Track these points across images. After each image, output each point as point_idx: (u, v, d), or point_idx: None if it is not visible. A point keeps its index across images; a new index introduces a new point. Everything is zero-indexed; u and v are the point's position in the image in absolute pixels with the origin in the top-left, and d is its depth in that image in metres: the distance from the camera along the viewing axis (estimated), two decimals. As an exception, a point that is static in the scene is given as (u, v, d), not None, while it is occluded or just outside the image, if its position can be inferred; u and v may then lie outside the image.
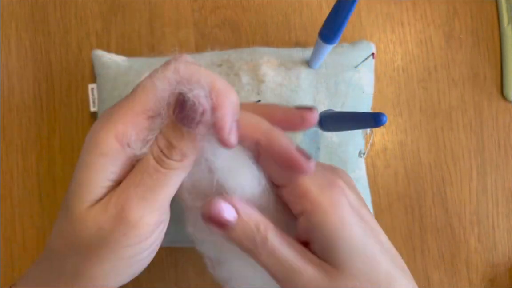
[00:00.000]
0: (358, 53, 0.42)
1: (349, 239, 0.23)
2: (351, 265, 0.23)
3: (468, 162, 0.46)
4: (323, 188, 0.23)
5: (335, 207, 0.23)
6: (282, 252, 0.23)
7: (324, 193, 0.23)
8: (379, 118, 0.25)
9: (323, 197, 0.23)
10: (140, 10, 0.47)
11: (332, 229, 0.23)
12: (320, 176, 0.24)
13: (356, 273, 0.23)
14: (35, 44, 0.47)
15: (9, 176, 0.46)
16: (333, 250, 0.23)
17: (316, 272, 0.23)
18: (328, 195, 0.23)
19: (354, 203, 0.25)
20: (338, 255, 0.23)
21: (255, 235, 0.23)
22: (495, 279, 0.46)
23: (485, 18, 0.48)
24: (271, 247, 0.23)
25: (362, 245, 0.23)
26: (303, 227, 0.24)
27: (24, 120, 0.46)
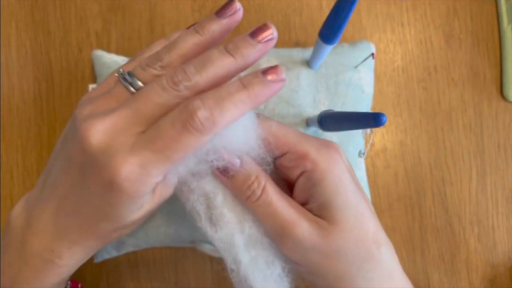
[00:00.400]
0: (358, 53, 0.42)
1: (344, 195, 0.25)
2: (346, 220, 0.25)
3: (468, 162, 0.46)
4: (321, 148, 0.25)
5: (333, 164, 0.25)
6: (279, 204, 0.25)
7: (322, 153, 0.25)
8: (379, 118, 0.25)
9: (322, 156, 0.25)
10: (140, 10, 0.47)
11: (331, 184, 0.24)
12: (315, 140, 0.26)
13: (348, 229, 0.25)
14: (35, 44, 0.47)
15: (9, 176, 0.46)
16: (330, 205, 0.25)
17: (310, 226, 0.25)
18: (326, 154, 0.25)
19: (347, 163, 0.26)
20: (334, 210, 0.25)
21: (255, 184, 0.24)
22: (495, 279, 0.46)
23: (485, 18, 0.48)
24: (269, 198, 0.24)
25: (356, 203, 0.25)
26: (301, 187, 0.26)
27: (24, 120, 0.46)
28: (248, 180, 0.25)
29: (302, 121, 0.39)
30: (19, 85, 0.46)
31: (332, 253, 0.25)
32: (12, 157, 0.46)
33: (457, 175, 0.46)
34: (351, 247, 0.25)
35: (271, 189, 0.25)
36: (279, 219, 0.24)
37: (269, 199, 0.24)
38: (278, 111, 0.39)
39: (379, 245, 0.26)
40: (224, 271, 0.45)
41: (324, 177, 0.24)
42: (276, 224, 0.25)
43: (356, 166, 0.41)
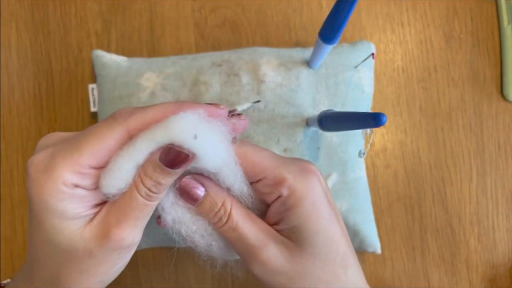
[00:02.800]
0: (358, 53, 0.42)
1: (316, 220, 0.25)
2: (314, 245, 0.25)
3: (468, 162, 0.46)
4: (298, 174, 0.25)
5: (309, 191, 0.25)
6: (245, 229, 0.25)
7: (299, 180, 0.24)
8: (379, 118, 0.25)
9: (299, 182, 0.24)
10: (140, 10, 0.47)
11: (304, 210, 0.24)
12: (293, 164, 0.25)
13: (316, 253, 0.25)
14: (35, 44, 0.47)
15: (9, 176, 0.46)
16: (300, 229, 0.25)
17: (277, 249, 0.25)
18: (304, 181, 0.25)
19: (325, 187, 0.26)
20: (304, 234, 0.25)
21: (221, 211, 0.25)
22: (495, 279, 0.46)
23: (485, 18, 0.48)
24: (234, 224, 0.25)
25: (327, 228, 0.25)
26: (275, 210, 0.26)
27: (24, 120, 0.46)
28: (214, 207, 0.25)
29: (302, 121, 0.39)
30: (19, 85, 0.46)
31: (298, 276, 0.25)
32: (12, 157, 0.46)
33: (457, 175, 0.46)
34: (317, 271, 0.25)
35: (236, 214, 0.25)
36: (245, 243, 0.25)
37: (234, 225, 0.25)
38: (278, 111, 0.39)
39: (346, 268, 0.26)
40: (224, 270, 0.45)
41: (299, 204, 0.24)
42: (242, 248, 0.25)
43: (356, 166, 0.41)
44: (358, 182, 0.42)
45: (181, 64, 0.41)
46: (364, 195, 0.42)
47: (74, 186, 0.22)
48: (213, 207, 0.25)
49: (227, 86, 0.39)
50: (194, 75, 0.40)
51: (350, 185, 0.41)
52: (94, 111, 0.43)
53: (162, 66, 0.41)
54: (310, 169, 0.25)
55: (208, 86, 0.39)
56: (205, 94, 0.39)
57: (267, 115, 0.39)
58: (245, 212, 0.26)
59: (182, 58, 0.42)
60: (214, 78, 0.40)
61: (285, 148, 0.39)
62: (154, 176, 0.23)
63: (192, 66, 0.41)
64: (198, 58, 0.41)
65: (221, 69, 0.40)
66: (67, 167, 0.22)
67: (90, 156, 0.22)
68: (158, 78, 0.40)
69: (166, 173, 0.23)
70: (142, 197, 0.23)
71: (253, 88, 0.39)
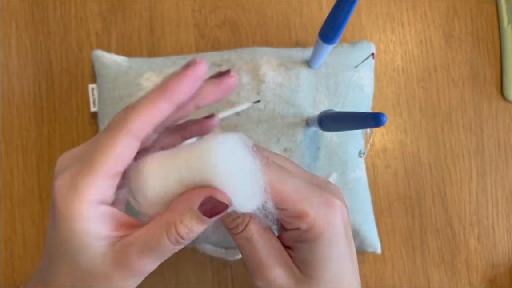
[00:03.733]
0: (358, 53, 0.42)
1: (328, 259, 0.25)
2: (321, 280, 0.25)
3: (468, 162, 0.46)
4: (321, 209, 0.24)
5: (329, 227, 0.24)
6: (259, 243, 0.25)
7: (321, 216, 0.24)
8: (379, 118, 0.25)
9: (319, 219, 0.24)
10: (140, 10, 0.47)
11: (318, 246, 0.24)
12: (318, 196, 0.25)
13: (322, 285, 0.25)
14: (35, 44, 0.47)
15: (9, 176, 0.46)
16: (310, 263, 0.25)
17: (284, 274, 0.25)
18: (325, 216, 0.24)
19: (346, 222, 0.26)
20: (313, 268, 0.25)
21: (239, 219, 0.25)
22: (495, 279, 0.46)
23: (485, 18, 0.48)
24: (250, 235, 0.25)
25: (337, 266, 0.25)
26: (290, 237, 0.25)
27: (24, 120, 0.46)
28: (233, 214, 0.25)
29: (302, 121, 0.39)
30: (19, 85, 0.46)
31: None
32: (12, 157, 0.46)
33: (457, 175, 0.46)
34: None
35: (254, 227, 0.25)
36: (256, 257, 0.25)
37: (250, 236, 0.25)
38: (278, 111, 0.39)
39: None
40: (224, 270, 0.45)
41: (315, 240, 0.24)
42: (251, 260, 0.25)
43: (356, 166, 0.41)
44: (358, 182, 0.42)
45: (181, 64, 0.41)
46: (364, 195, 0.42)
47: (99, 202, 0.22)
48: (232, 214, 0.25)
49: (227, 86, 0.39)
50: (194, 75, 0.40)
51: (350, 185, 0.41)
52: (94, 111, 0.43)
53: (162, 66, 0.41)
54: (334, 204, 0.25)
55: (208, 86, 0.39)
56: (205, 94, 0.39)
57: (267, 115, 0.39)
58: (263, 227, 0.25)
59: (182, 58, 0.42)
60: (214, 78, 0.40)
61: (285, 148, 0.39)
62: (189, 224, 0.22)
63: (192, 66, 0.41)
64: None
65: (221, 69, 0.40)
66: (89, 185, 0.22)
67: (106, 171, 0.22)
68: (158, 78, 0.40)
69: (202, 222, 0.22)
70: (171, 242, 0.23)
71: (253, 88, 0.39)
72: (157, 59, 0.42)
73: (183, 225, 0.22)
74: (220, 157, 0.22)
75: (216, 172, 0.22)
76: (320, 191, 0.25)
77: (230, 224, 0.25)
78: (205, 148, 0.22)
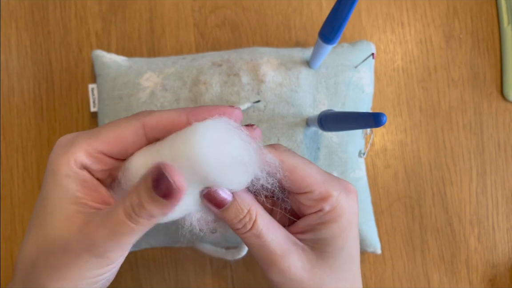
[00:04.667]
0: (358, 53, 0.42)
1: (345, 238, 0.26)
2: (336, 258, 0.26)
3: (468, 162, 0.46)
4: (342, 193, 0.26)
5: (349, 209, 0.26)
6: (268, 237, 0.25)
7: (342, 198, 0.25)
8: (379, 118, 0.25)
9: (341, 201, 0.25)
10: (140, 10, 0.47)
11: (339, 226, 0.25)
12: (338, 182, 0.26)
13: (336, 267, 0.26)
14: (35, 44, 0.47)
15: (9, 176, 0.46)
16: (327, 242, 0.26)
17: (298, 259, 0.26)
18: (346, 199, 0.26)
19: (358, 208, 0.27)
20: (329, 247, 0.26)
21: (246, 218, 0.25)
22: (495, 279, 0.46)
23: (485, 18, 0.48)
24: (258, 232, 0.25)
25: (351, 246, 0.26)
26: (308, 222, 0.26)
27: (24, 120, 0.46)
28: (239, 214, 0.25)
29: (302, 121, 0.39)
30: (19, 85, 0.46)
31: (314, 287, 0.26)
32: (12, 157, 0.46)
33: (457, 175, 0.46)
34: (333, 284, 0.26)
35: (261, 222, 0.25)
36: (267, 251, 0.25)
37: (258, 232, 0.25)
38: (278, 111, 0.39)
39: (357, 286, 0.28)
40: (224, 270, 0.45)
41: (336, 220, 0.25)
42: (263, 254, 0.26)
43: (356, 166, 0.41)
44: (358, 182, 0.42)
45: (181, 64, 0.41)
46: (364, 195, 0.42)
47: (82, 166, 0.24)
48: (238, 214, 0.25)
49: (227, 86, 0.39)
50: (194, 75, 0.40)
51: (350, 185, 0.41)
52: (94, 111, 0.43)
53: (162, 66, 0.41)
54: (352, 189, 0.26)
55: (208, 86, 0.39)
56: (205, 94, 0.39)
57: (267, 115, 0.39)
58: (268, 219, 0.26)
59: (182, 58, 0.42)
60: (214, 78, 0.40)
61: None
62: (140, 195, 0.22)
63: (192, 66, 0.41)
64: (198, 58, 0.41)
65: (221, 69, 0.40)
66: (81, 147, 0.23)
67: (104, 142, 0.24)
68: (158, 78, 0.40)
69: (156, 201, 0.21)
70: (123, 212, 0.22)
71: (253, 88, 0.39)
72: (157, 59, 0.42)
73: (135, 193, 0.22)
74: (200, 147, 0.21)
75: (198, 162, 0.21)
76: (337, 178, 0.27)
77: (237, 225, 0.25)
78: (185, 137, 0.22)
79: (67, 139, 0.24)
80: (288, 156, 0.25)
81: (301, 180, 0.25)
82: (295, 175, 0.25)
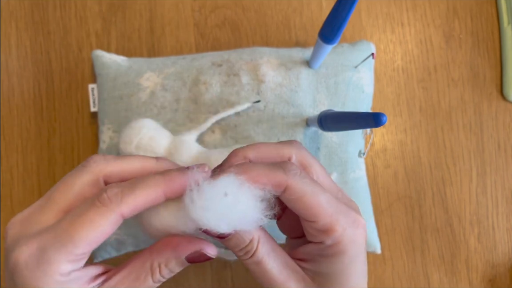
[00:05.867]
0: (358, 53, 0.42)
1: (348, 276, 0.25)
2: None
3: (468, 162, 0.46)
4: (348, 228, 0.24)
5: (353, 245, 0.24)
6: (269, 266, 0.25)
7: (347, 234, 0.24)
8: (379, 118, 0.25)
9: (346, 237, 0.24)
10: (140, 10, 0.47)
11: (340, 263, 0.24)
12: (346, 214, 0.25)
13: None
14: (35, 44, 0.47)
15: (9, 176, 0.46)
16: (328, 278, 0.25)
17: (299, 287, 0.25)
18: (351, 236, 0.24)
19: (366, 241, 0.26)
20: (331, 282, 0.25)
21: (247, 248, 0.25)
22: (495, 279, 0.46)
23: (485, 18, 0.48)
24: (259, 259, 0.25)
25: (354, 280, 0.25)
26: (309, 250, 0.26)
27: (24, 120, 0.46)
28: (241, 244, 0.25)
29: (302, 121, 0.39)
30: (19, 85, 0.46)
31: None
32: (12, 157, 0.46)
33: (457, 175, 0.46)
34: None
35: (262, 250, 0.25)
36: (267, 277, 0.25)
37: (259, 260, 0.25)
38: (278, 111, 0.39)
39: None
40: (224, 270, 0.45)
41: (338, 256, 0.24)
42: (263, 280, 0.25)
43: (356, 166, 0.41)
44: (358, 182, 0.42)
45: (181, 64, 0.41)
46: (364, 195, 0.42)
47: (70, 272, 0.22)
48: (239, 244, 0.25)
49: (227, 86, 0.39)
50: (194, 75, 0.40)
51: (350, 185, 0.41)
52: (94, 111, 0.43)
53: (162, 66, 0.41)
54: (360, 223, 0.25)
55: (208, 86, 0.39)
56: (205, 94, 0.39)
57: (267, 115, 0.39)
58: (270, 246, 0.25)
59: (182, 58, 0.42)
60: (214, 78, 0.40)
61: (285, 148, 0.39)
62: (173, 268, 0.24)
63: (192, 66, 0.41)
64: (198, 58, 0.41)
65: (221, 69, 0.40)
66: (63, 259, 0.21)
67: (86, 246, 0.22)
68: (158, 78, 0.40)
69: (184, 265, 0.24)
70: (154, 282, 0.24)
71: (253, 88, 0.39)
72: (157, 59, 0.42)
73: (168, 268, 0.24)
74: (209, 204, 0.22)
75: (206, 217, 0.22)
76: (347, 210, 0.25)
77: (238, 252, 0.25)
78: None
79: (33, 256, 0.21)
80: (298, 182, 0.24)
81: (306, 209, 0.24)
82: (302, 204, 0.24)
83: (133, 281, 0.23)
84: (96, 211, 0.22)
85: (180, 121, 0.40)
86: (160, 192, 0.23)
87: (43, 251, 0.21)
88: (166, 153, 0.36)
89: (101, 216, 0.21)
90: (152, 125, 0.35)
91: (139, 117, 0.38)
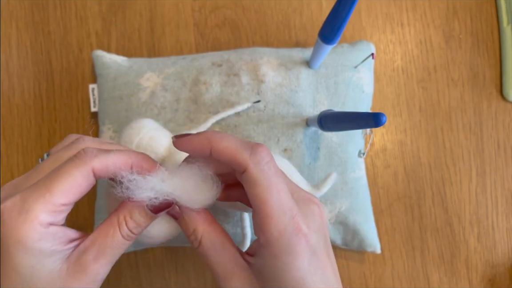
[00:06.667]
0: (358, 53, 0.42)
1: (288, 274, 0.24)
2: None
3: (468, 162, 0.46)
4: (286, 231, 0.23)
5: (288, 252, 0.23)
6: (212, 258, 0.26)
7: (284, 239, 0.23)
8: (378, 118, 0.25)
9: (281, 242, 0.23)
10: (140, 10, 0.47)
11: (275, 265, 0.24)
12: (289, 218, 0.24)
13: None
14: (36, 44, 0.47)
15: (9, 176, 0.46)
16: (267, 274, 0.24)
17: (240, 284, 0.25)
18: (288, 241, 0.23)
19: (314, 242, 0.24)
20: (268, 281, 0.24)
21: (192, 237, 0.26)
22: (495, 279, 0.46)
23: (485, 18, 0.48)
24: (204, 252, 0.26)
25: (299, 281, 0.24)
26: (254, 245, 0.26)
27: (24, 120, 0.46)
28: (187, 231, 0.27)
29: (302, 121, 0.39)
30: (19, 85, 0.46)
31: None
32: (12, 157, 0.46)
33: (457, 175, 0.46)
34: None
35: (207, 243, 0.26)
36: (212, 272, 0.26)
37: (204, 253, 0.26)
38: (278, 111, 0.39)
39: None
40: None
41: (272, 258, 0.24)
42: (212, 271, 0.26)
43: (356, 166, 0.41)
44: (358, 182, 0.42)
45: (181, 64, 0.41)
46: (364, 195, 0.42)
47: (49, 224, 0.23)
48: (185, 230, 0.27)
49: (227, 86, 0.39)
50: (194, 75, 0.40)
51: (350, 185, 0.41)
52: (94, 111, 0.43)
53: (162, 66, 0.41)
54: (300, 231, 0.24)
55: (208, 86, 0.39)
56: (205, 94, 0.39)
57: (267, 115, 0.39)
58: (217, 239, 0.26)
59: (182, 58, 0.42)
60: (214, 78, 0.40)
61: (285, 148, 0.39)
62: (138, 219, 0.25)
63: (192, 66, 0.41)
64: (198, 58, 0.41)
65: (221, 69, 0.40)
66: (41, 208, 0.22)
67: (61, 195, 0.23)
68: (158, 78, 0.40)
69: (149, 217, 0.25)
70: (123, 237, 0.25)
71: (253, 88, 0.39)
72: (157, 59, 0.43)
73: (132, 220, 0.25)
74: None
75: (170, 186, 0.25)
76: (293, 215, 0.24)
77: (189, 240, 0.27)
78: None
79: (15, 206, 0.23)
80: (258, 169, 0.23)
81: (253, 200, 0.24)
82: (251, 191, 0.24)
83: (103, 238, 0.25)
84: (71, 164, 0.24)
85: (180, 121, 0.40)
86: (129, 160, 0.25)
87: (24, 201, 0.23)
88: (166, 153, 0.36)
89: (75, 168, 0.23)
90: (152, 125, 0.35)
91: (139, 117, 0.38)
